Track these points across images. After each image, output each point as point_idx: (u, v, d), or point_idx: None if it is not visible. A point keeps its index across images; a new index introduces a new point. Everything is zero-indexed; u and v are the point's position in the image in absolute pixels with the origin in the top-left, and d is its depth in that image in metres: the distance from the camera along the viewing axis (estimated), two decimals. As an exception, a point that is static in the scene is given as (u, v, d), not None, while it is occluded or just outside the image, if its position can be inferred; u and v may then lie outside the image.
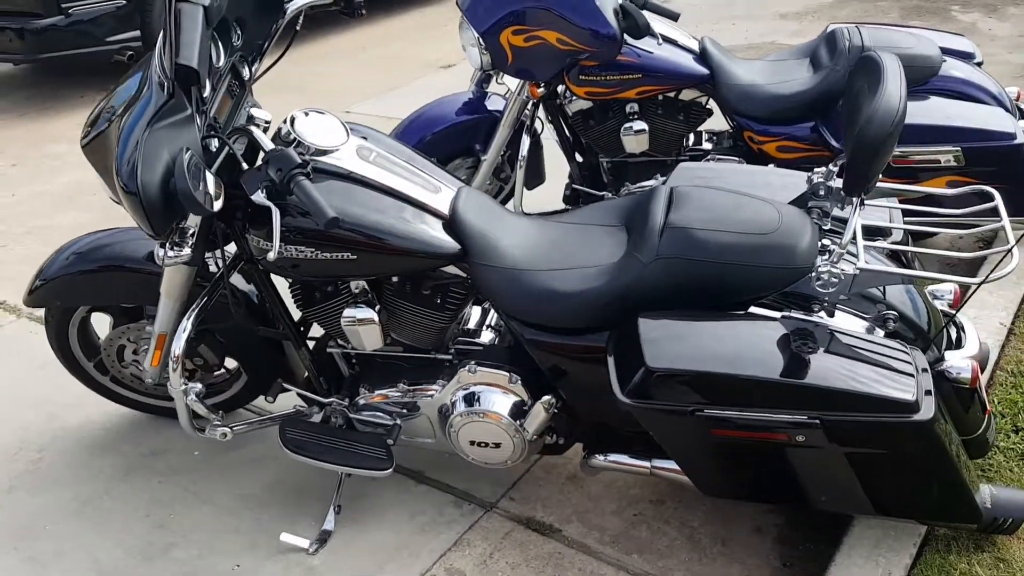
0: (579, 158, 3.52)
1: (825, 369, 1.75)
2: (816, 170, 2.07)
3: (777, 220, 1.94)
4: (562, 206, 3.53)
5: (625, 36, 3.06)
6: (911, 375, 1.74)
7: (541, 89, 3.26)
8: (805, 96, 3.11)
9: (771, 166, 2.89)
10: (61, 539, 2.36)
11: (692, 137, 3.47)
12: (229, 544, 2.31)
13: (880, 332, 1.90)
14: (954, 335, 2.11)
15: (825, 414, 1.74)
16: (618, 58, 3.11)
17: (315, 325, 2.33)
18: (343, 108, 5.40)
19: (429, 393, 2.25)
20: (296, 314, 2.32)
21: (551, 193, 3.58)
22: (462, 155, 3.52)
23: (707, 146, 3.45)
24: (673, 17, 3.18)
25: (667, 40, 3.18)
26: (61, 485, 2.54)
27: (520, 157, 3.31)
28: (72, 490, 2.52)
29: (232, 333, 2.43)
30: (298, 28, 2.36)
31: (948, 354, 1.99)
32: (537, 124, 3.48)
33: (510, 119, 3.35)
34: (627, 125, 3.26)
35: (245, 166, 1.93)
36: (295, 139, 2.01)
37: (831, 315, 1.89)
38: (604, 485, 2.43)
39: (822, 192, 2.05)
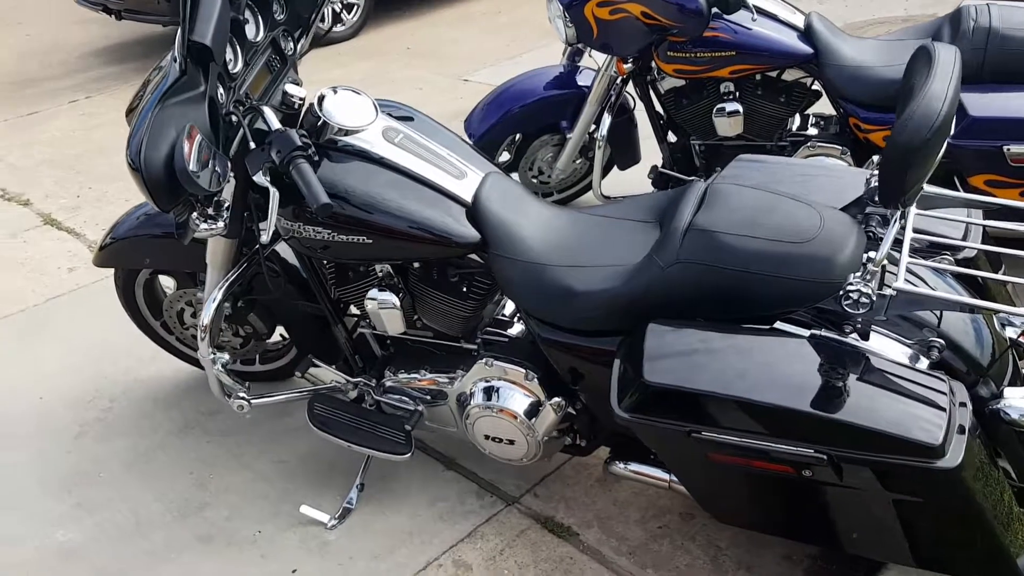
0: (671, 139, 3.34)
1: (840, 399, 1.56)
2: (873, 168, 1.85)
3: (817, 227, 1.75)
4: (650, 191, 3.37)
5: (715, 11, 2.85)
6: (942, 414, 1.53)
7: (628, 65, 3.11)
8: (918, 81, 2.80)
9: (838, 162, 2.64)
10: (110, 488, 2.49)
11: (798, 120, 3.21)
12: (256, 510, 2.37)
13: (924, 361, 1.68)
14: (1024, 369, 1.85)
15: (834, 449, 1.56)
16: (709, 34, 2.91)
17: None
18: (462, 76, 5.38)
19: (450, 381, 2.20)
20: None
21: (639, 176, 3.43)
22: (549, 131, 3.42)
23: (812, 131, 3.19)
24: (769, -9, 2.93)
25: (766, 15, 2.94)
26: (123, 436, 2.68)
27: (599, 136, 3.18)
28: (132, 441, 2.66)
29: (278, 305, 2.47)
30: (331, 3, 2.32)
31: (1009, 391, 1.74)
32: (631, 102, 3.33)
33: (597, 96, 3.22)
34: (720, 106, 3.06)
35: (253, 145, 1.91)
36: (321, 118, 1.98)
37: (865, 337, 1.68)
38: (634, 492, 2.31)
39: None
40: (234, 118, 1.92)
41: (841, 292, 1.63)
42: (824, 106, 3.11)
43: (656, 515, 2.24)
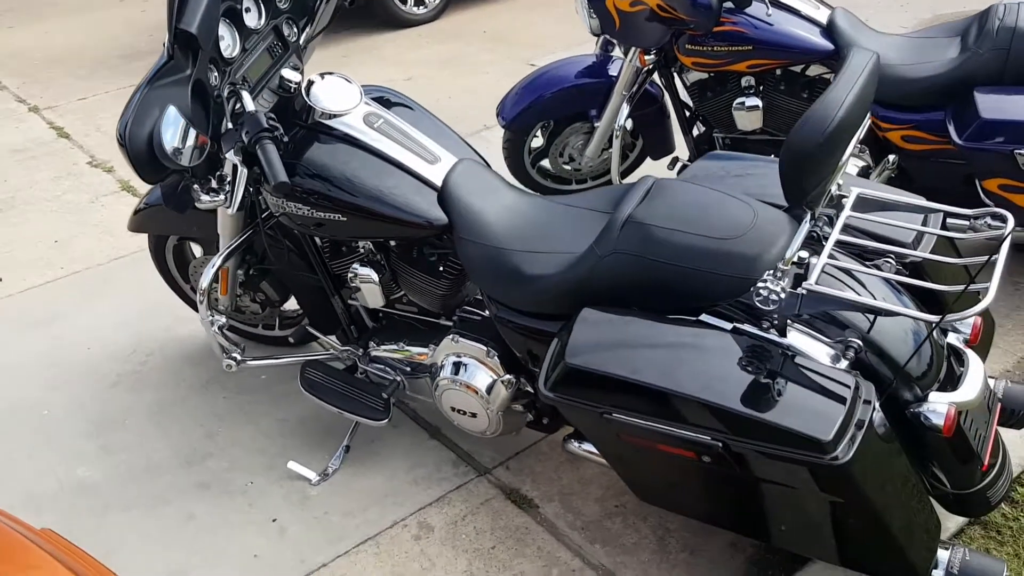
0: (697, 132, 3.36)
1: (739, 390, 1.62)
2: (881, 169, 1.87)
3: (748, 225, 1.80)
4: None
5: (729, 5, 2.86)
6: (839, 411, 1.57)
7: (650, 56, 3.14)
8: (938, 80, 2.76)
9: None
10: (132, 434, 2.73)
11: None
12: (253, 463, 2.57)
13: (843, 362, 1.71)
14: (966, 374, 1.83)
15: (730, 437, 1.62)
16: (726, 28, 2.93)
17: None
18: (530, 60, 5.47)
19: (423, 355, 2.33)
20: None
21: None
22: (580, 119, 3.49)
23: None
24: (790, -14, 2.91)
25: (785, 8, 2.93)
26: (151, 388, 2.93)
27: (617, 127, 3.23)
28: (158, 394, 2.90)
29: (286, 275, 2.65)
30: (345, -1, 2.47)
31: (934, 396, 1.75)
32: (662, 92, 3.37)
33: (621, 86, 3.27)
34: (739, 100, 3.07)
35: (230, 125, 2.08)
36: (305, 102, 2.14)
37: (782, 333, 1.73)
38: (600, 471, 2.40)
39: None
40: (226, 96, 2.09)
41: (752, 289, 1.67)
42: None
43: (616, 494, 2.32)
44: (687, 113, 3.34)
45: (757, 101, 3.04)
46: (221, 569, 2.25)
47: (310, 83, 2.20)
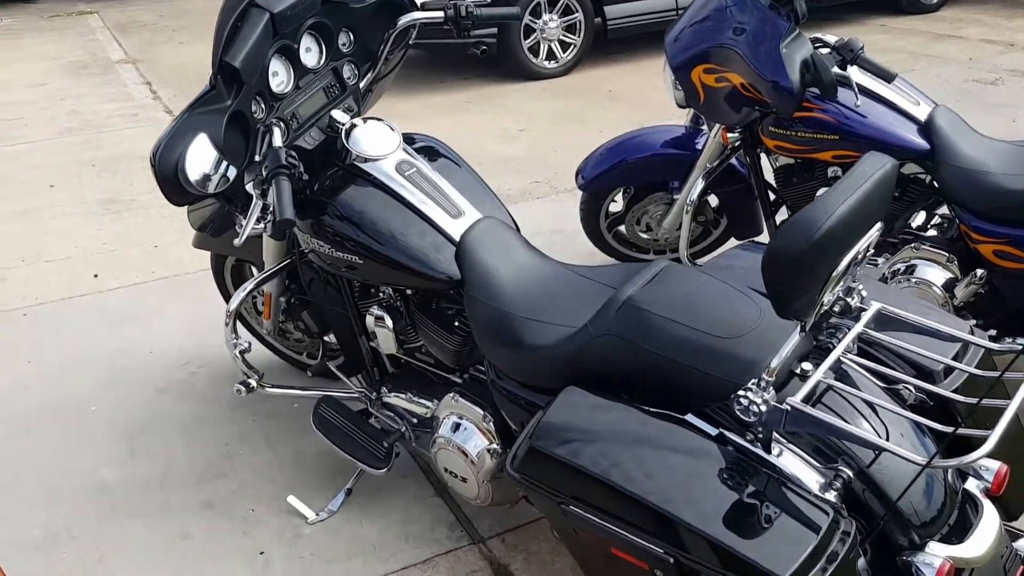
0: (779, 219, 3.20)
1: (701, 504, 1.48)
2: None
3: (751, 326, 1.66)
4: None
5: (814, 91, 2.71)
6: (805, 546, 1.41)
7: (733, 135, 3.02)
8: (1039, 194, 2.52)
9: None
10: (160, 443, 2.80)
11: (922, 217, 2.95)
12: (260, 490, 2.57)
13: (831, 492, 1.54)
14: (976, 526, 1.62)
15: (681, 554, 1.48)
16: (813, 114, 2.77)
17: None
18: (644, 123, 5.39)
19: (428, 409, 2.28)
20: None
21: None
22: (660, 188, 3.39)
23: (932, 232, 2.92)
24: (887, 78, 2.73)
25: (881, 101, 2.75)
26: (192, 400, 3.00)
27: (689, 201, 3.10)
28: (196, 406, 2.97)
29: (321, 307, 2.66)
30: (409, 43, 2.48)
31: (933, 546, 1.55)
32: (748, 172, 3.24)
33: (703, 161, 3.15)
34: (824, 190, 2.89)
35: (257, 158, 2.10)
36: (342, 145, 2.16)
37: (766, 449, 1.57)
38: (595, 561, 2.26)
39: None
40: (261, 130, 2.13)
41: (733, 396, 1.54)
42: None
43: (604, 590, 2.18)
44: (771, 196, 3.18)
45: (841, 193, 2.85)
46: (198, 593, 2.25)
47: (352, 126, 2.21)
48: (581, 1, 6.49)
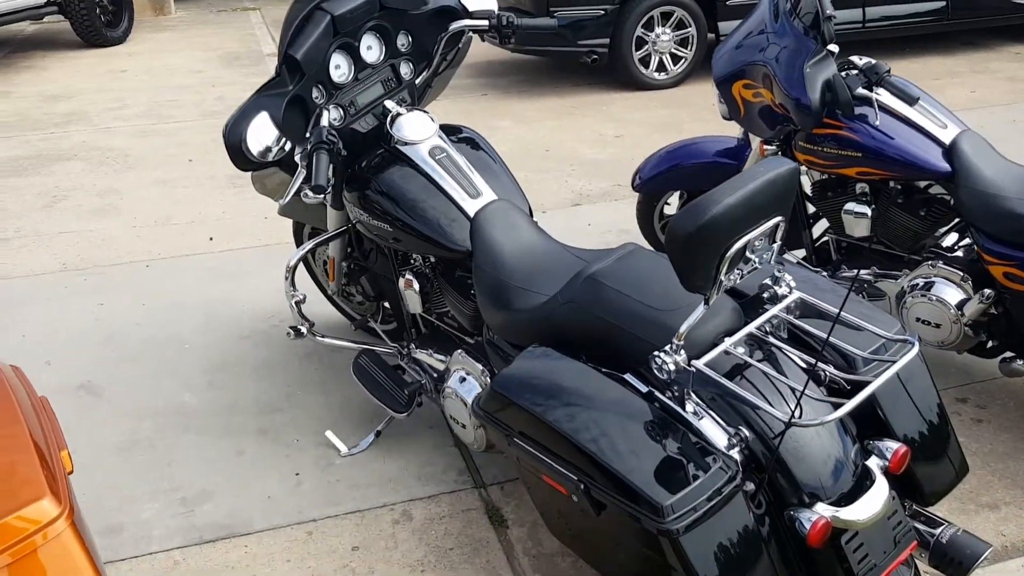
0: (815, 232, 3.35)
1: (609, 440, 1.74)
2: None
3: (688, 301, 1.91)
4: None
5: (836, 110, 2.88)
6: (688, 483, 1.66)
7: (770, 148, 3.20)
8: (1049, 219, 2.61)
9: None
10: (234, 379, 3.26)
11: (953, 237, 3.06)
12: (307, 425, 2.98)
13: (734, 451, 1.77)
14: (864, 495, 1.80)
15: (590, 481, 1.75)
16: (841, 132, 2.94)
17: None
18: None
19: (443, 365, 2.61)
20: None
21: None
22: (708, 196, 3.59)
23: (959, 253, 3.02)
24: (910, 100, 2.86)
25: (906, 122, 2.89)
26: (268, 347, 3.46)
27: (724, 208, 3.30)
28: (270, 352, 3.42)
29: (374, 273, 3.04)
30: (460, 46, 2.82)
31: (821, 507, 1.75)
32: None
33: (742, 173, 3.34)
34: (848, 205, 3.05)
35: (308, 135, 2.48)
36: (387, 130, 2.54)
37: (680, 405, 1.82)
38: (576, 513, 2.53)
39: None
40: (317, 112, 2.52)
41: (650, 355, 1.79)
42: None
43: (577, 537, 2.45)
44: (809, 210, 3.34)
45: (866, 209, 3.00)
46: (239, 500, 2.66)
47: (398, 114, 2.57)
48: (695, 16, 6.69)
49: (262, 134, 2.37)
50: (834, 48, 2.91)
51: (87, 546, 1.43)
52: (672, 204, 3.75)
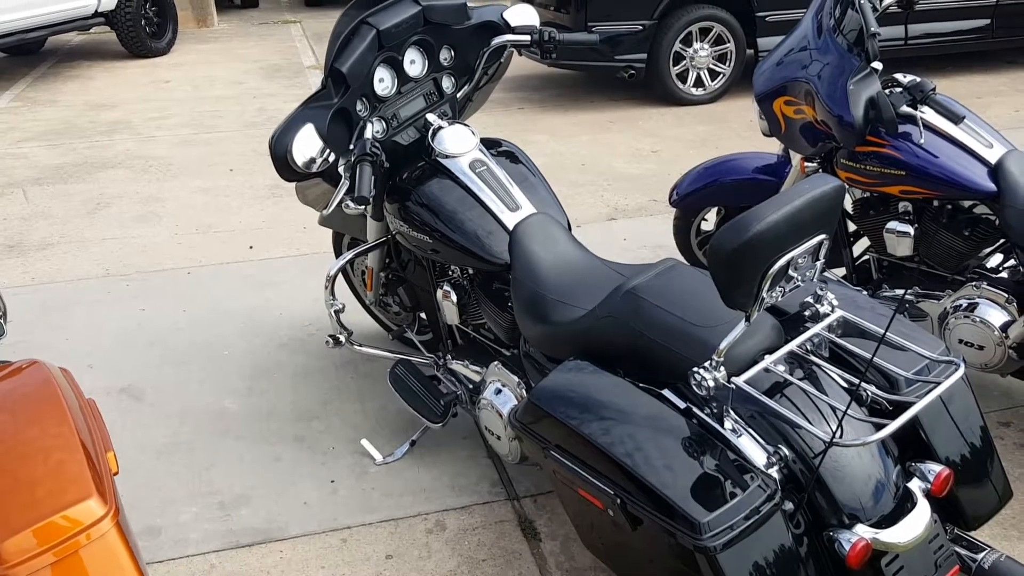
0: (856, 251, 3.33)
1: (647, 455, 1.74)
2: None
3: (728, 318, 1.90)
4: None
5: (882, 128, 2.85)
6: (726, 501, 1.65)
7: (811, 165, 3.19)
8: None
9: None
10: (274, 385, 3.30)
11: (998, 258, 3.02)
12: (343, 433, 3.00)
13: (773, 470, 1.76)
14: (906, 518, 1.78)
15: (627, 496, 1.75)
16: (884, 150, 2.92)
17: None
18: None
19: (479, 376, 2.63)
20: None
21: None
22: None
23: (1004, 274, 2.98)
24: (955, 119, 2.84)
25: (951, 141, 2.86)
26: (306, 354, 3.49)
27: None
28: (308, 360, 3.46)
29: (412, 283, 3.07)
30: (501, 61, 2.84)
31: (861, 528, 1.73)
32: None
33: (785, 189, 3.33)
34: (891, 224, 3.02)
35: (352, 147, 2.51)
36: (429, 143, 2.56)
37: (719, 422, 1.81)
38: (609, 528, 2.52)
39: None
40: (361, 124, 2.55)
41: (690, 371, 1.79)
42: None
43: (610, 552, 2.45)
44: (849, 228, 3.31)
45: (908, 228, 2.97)
46: (275, 505, 2.69)
47: (439, 127, 2.60)
48: (734, 32, 6.68)
49: (307, 145, 2.40)
50: (878, 65, 2.89)
51: (131, 547, 1.45)
52: (709, 220, 3.74)
